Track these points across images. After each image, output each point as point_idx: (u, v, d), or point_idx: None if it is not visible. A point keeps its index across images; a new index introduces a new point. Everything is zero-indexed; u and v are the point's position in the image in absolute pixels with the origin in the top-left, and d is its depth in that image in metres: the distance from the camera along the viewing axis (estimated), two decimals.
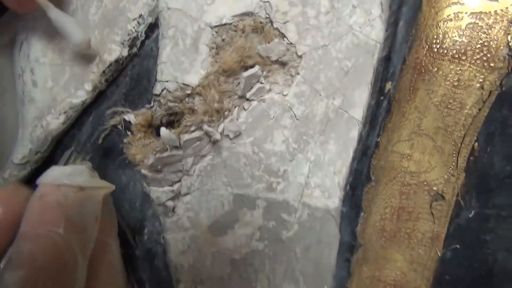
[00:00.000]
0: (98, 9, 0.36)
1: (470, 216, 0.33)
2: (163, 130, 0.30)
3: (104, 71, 0.35)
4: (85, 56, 0.36)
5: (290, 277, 0.35)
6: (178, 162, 0.32)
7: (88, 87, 0.36)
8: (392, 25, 0.30)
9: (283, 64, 0.31)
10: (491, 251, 0.33)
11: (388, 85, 0.30)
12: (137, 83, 0.36)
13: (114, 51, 0.35)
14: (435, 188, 0.33)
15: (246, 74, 0.30)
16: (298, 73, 0.31)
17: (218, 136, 0.30)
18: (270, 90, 0.31)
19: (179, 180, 0.33)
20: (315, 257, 0.35)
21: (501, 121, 0.30)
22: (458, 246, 0.33)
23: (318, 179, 0.33)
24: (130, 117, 0.35)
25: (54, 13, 0.31)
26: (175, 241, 0.34)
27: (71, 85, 0.36)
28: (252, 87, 0.30)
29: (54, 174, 0.24)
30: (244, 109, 0.31)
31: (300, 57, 0.31)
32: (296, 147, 0.32)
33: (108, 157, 0.38)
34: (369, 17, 0.31)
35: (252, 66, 0.30)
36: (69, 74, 0.36)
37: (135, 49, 0.36)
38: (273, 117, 0.31)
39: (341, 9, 0.31)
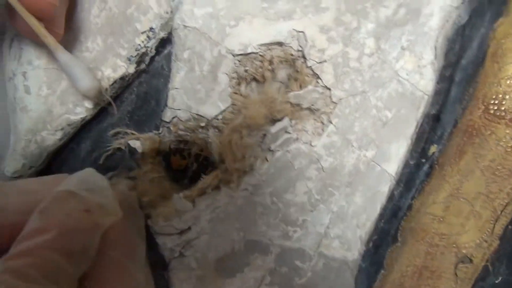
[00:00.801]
0: (101, 11, 0.31)
1: (496, 281, 0.31)
2: (176, 198, 0.26)
3: (106, 89, 0.31)
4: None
5: None
6: (189, 214, 0.29)
7: (89, 104, 0.32)
8: (447, 79, 0.26)
9: (314, 110, 0.27)
10: None
11: (433, 148, 0.27)
12: (145, 103, 0.32)
13: (120, 67, 0.31)
14: (464, 251, 0.30)
15: (274, 129, 0.26)
16: (330, 122, 0.27)
17: (236, 194, 0.27)
18: (297, 139, 0.27)
19: (189, 228, 0.30)
20: None
21: None
22: None
23: (339, 230, 0.31)
24: (136, 143, 0.32)
25: (63, 56, 0.27)
26: (180, 280, 0.32)
27: (69, 98, 0.32)
28: (278, 139, 0.27)
29: (71, 183, 0.22)
30: (267, 160, 0.27)
31: (334, 103, 0.27)
32: (319, 198, 0.29)
33: (109, 177, 0.35)
34: (419, 63, 0.26)
35: (279, 119, 0.26)
36: (66, 83, 0.32)
37: (143, 66, 0.31)
38: (297, 168, 0.28)
39: (388, 51, 0.26)
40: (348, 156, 0.28)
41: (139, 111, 0.33)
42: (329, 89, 0.27)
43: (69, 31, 0.30)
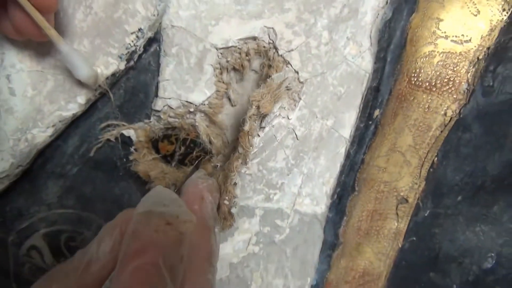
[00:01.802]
0: (86, 16, 0.34)
1: (425, 214, 0.40)
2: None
3: (99, 85, 0.34)
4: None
5: (280, 273, 0.39)
6: None
7: (82, 100, 0.35)
8: (381, 59, 0.34)
9: (288, 89, 0.34)
10: (438, 241, 0.41)
11: (376, 112, 0.35)
12: (133, 96, 0.36)
13: (111, 64, 0.34)
14: (402, 194, 0.39)
15: (273, 113, 0.32)
16: (300, 98, 0.34)
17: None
18: (278, 115, 0.34)
19: None
20: (301, 255, 0.40)
21: (456, 141, 0.38)
22: (414, 239, 0.41)
23: (309, 189, 0.38)
24: (130, 132, 0.35)
25: (65, 48, 0.30)
26: None
27: (59, 96, 0.34)
28: (268, 117, 0.33)
29: (147, 203, 0.24)
30: (258, 135, 0.33)
31: (302, 83, 0.34)
32: (294, 163, 0.36)
33: (98, 169, 0.37)
34: (360, 49, 0.35)
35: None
36: (53, 83, 0.35)
37: (132, 63, 0.35)
38: (279, 139, 0.34)
39: (338, 41, 0.35)
40: (314, 126, 0.36)
41: (128, 104, 0.36)
42: (297, 72, 0.34)
43: None
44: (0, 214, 0.38)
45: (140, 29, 0.34)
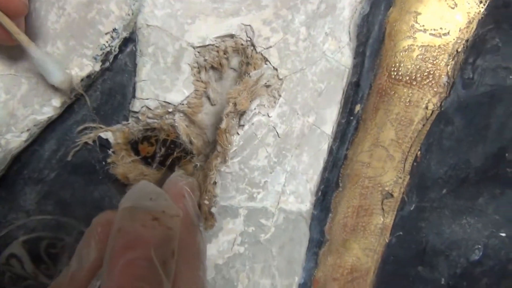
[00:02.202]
0: (59, 17, 0.33)
1: (411, 208, 0.40)
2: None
3: (74, 87, 0.34)
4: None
5: (267, 273, 0.39)
6: None
7: (56, 103, 0.34)
8: (360, 54, 0.34)
9: (267, 87, 0.33)
10: (425, 234, 0.41)
11: (357, 107, 0.35)
12: (110, 98, 0.35)
13: (86, 65, 0.33)
14: (386, 189, 0.39)
15: (252, 111, 0.32)
16: (280, 95, 0.34)
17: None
18: (258, 113, 0.33)
19: None
20: (288, 254, 0.39)
21: (438, 135, 0.37)
22: (401, 233, 0.41)
23: (293, 186, 0.37)
24: (108, 134, 0.34)
25: (36, 52, 0.29)
26: None
27: (33, 100, 0.34)
28: (247, 115, 0.32)
29: (132, 198, 0.23)
30: (238, 134, 0.33)
31: (281, 80, 0.34)
32: (276, 161, 0.36)
33: (77, 173, 0.37)
34: (339, 44, 0.35)
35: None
36: (26, 87, 0.34)
37: (107, 64, 0.34)
38: (260, 137, 0.34)
39: (316, 37, 0.34)
40: (296, 123, 0.35)
41: (104, 106, 0.35)
42: (276, 69, 0.34)
43: None
44: None
45: (114, 29, 0.33)
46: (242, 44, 0.34)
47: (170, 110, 0.34)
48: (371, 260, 0.42)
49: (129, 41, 0.34)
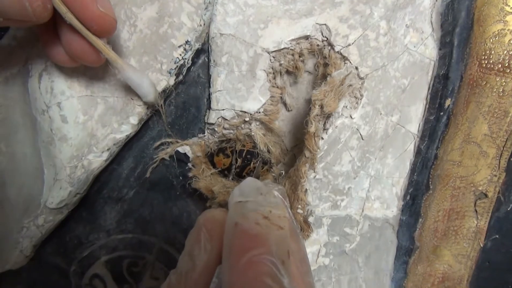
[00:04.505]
0: (131, 34, 0.33)
1: (508, 209, 0.37)
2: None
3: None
4: (125, 88, 0.33)
5: (354, 285, 0.37)
6: None
7: (134, 120, 0.34)
8: (447, 44, 0.32)
9: (349, 87, 0.31)
10: None
11: (448, 102, 0.32)
12: (184, 112, 0.35)
13: (161, 81, 0.33)
14: (480, 188, 0.36)
15: (338, 113, 0.30)
16: (362, 95, 0.32)
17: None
18: (341, 115, 0.31)
19: None
20: (375, 264, 0.37)
21: None
22: (497, 236, 0.37)
23: (378, 191, 0.35)
24: (185, 148, 0.34)
25: (130, 72, 0.29)
26: None
27: (111, 119, 0.33)
28: (330, 118, 0.31)
29: (243, 192, 0.23)
30: (322, 138, 0.31)
31: (362, 79, 0.32)
32: (360, 165, 0.34)
33: (155, 190, 0.36)
34: (421, 36, 0.32)
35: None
36: (103, 107, 0.34)
37: (181, 77, 0.34)
38: (343, 140, 0.32)
39: (397, 30, 0.32)
40: (379, 123, 0.33)
41: (179, 120, 0.35)
42: (356, 68, 0.32)
43: None
44: (61, 244, 0.37)
45: (187, 41, 0.33)
46: (318, 45, 0.32)
47: (247, 119, 0.33)
48: (464, 267, 0.38)
49: (201, 52, 0.34)
